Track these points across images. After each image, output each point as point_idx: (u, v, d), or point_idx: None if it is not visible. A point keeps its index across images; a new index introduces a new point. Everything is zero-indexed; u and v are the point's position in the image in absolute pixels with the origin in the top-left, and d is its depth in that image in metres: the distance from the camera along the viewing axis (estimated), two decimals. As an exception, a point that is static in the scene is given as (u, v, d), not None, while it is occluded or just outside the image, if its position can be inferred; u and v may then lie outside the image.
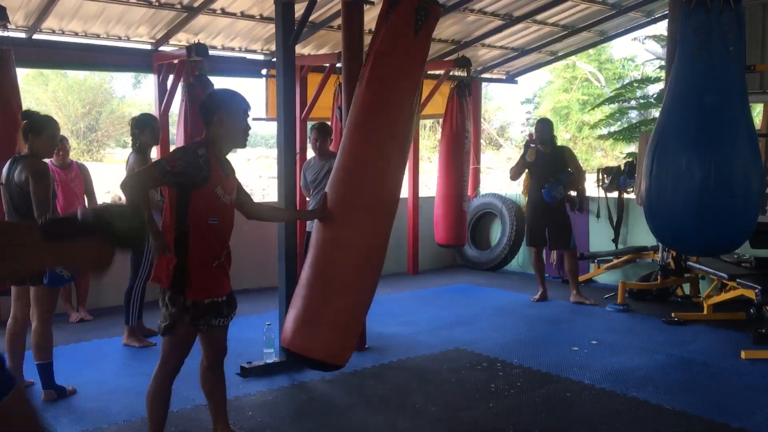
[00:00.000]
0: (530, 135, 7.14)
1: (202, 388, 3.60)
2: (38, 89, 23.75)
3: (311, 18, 5.77)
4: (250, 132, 3.39)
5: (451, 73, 8.20)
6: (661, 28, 12.37)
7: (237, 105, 3.30)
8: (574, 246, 7.08)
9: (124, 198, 3.22)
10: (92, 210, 1.80)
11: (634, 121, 14.81)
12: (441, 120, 8.69)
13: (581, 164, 7.49)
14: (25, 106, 5.60)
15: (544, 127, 7.01)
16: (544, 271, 7.32)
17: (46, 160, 6.00)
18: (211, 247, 3.25)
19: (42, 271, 3.82)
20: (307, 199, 6.03)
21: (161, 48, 6.98)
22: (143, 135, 5.35)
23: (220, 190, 3.23)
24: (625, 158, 11.11)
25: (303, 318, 3.59)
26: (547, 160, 6.87)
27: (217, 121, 3.25)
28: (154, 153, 7.05)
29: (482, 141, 13.44)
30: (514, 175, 7.13)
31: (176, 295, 3.19)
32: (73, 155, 6.33)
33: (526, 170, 7.28)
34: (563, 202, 6.96)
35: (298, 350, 3.62)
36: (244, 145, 3.37)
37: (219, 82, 6.74)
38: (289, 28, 4.88)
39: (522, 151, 7.10)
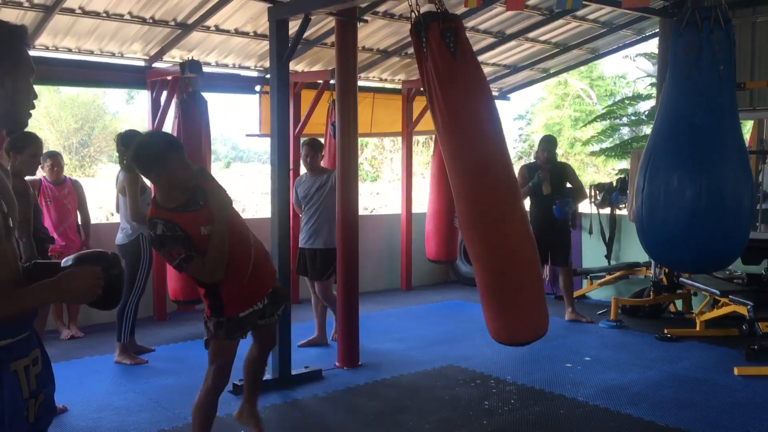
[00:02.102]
0: (544, 170, 6.85)
1: (244, 369, 3.84)
2: (31, 105, 23.70)
3: (305, 35, 5.79)
4: (244, 148, 3.46)
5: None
6: (652, 45, 12.49)
7: (182, 148, 3.28)
8: (570, 262, 7.08)
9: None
10: (77, 256, 1.92)
11: (625, 138, 14.91)
12: (434, 136, 8.73)
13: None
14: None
15: (550, 145, 7.01)
16: None
17: (40, 177, 6.03)
18: (237, 267, 3.33)
19: None
20: (300, 215, 6.03)
21: (155, 64, 6.99)
22: (130, 152, 5.31)
23: (204, 228, 3.21)
24: (617, 174, 11.18)
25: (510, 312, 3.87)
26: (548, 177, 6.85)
27: (160, 177, 3.22)
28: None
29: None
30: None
31: (215, 316, 3.38)
32: (65, 171, 6.31)
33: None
34: (566, 218, 6.97)
35: (526, 339, 3.97)
36: (189, 189, 3.28)
37: (213, 99, 6.77)
38: (283, 45, 4.91)
39: (528, 180, 6.85)
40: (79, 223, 6.18)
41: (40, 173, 6.14)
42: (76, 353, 5.73)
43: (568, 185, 6.91)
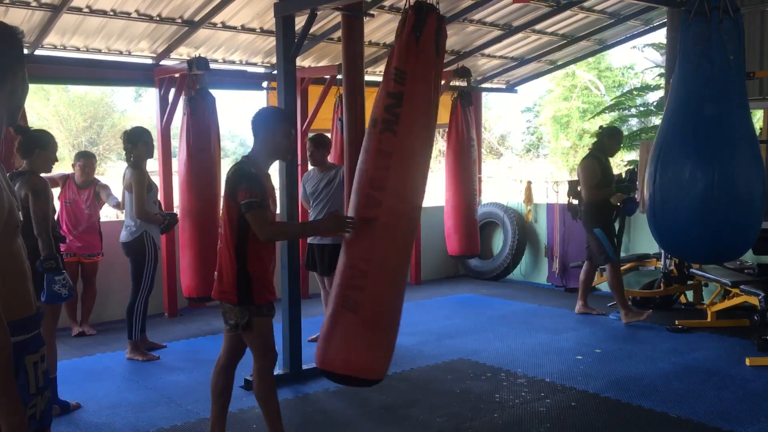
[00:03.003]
0: (627, 173, 6.68)
1: (213, 388, 3.67)
2: (39, 104, 23.81)
3: (311, 30, 5.79)
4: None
5: (451, 83, 8.22)
6: (660, 36, 12.40)
7: (290, 121, 3.62)
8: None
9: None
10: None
11: (634, 129, 14.83)
12: (443, 130, 8.72)
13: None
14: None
15: (621, 139, 6.93)
16: None
17: (67, 173, 6.06)
18: (268, 254, 3.49)
19: (40, 287, 3.82)
20: (308, 210, 6.03)
21: (162, 62, 7.01)
22: (136, 149, 5.34)
23: (271, 202, 3.47)
24: (626, 166, 11.12)
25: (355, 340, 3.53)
26: (610, 171, 6.73)
27: (273, 135, 3.49)
28: (155, 166, 7.08)
29: (483, 150, 13.46)
30: (595, 195, 6.57)
31: (246, 302, 3.41)
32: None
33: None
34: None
35: (351, 372, 3.48)
36: (288, 158, 3.70)
37: (220, 96, 6.78)
38: (290, 41, 4.91)
39: (602, 176, 6.53)
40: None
41: (67, 170, 6.17)
42: (89, 350, 5.77)
43: None
